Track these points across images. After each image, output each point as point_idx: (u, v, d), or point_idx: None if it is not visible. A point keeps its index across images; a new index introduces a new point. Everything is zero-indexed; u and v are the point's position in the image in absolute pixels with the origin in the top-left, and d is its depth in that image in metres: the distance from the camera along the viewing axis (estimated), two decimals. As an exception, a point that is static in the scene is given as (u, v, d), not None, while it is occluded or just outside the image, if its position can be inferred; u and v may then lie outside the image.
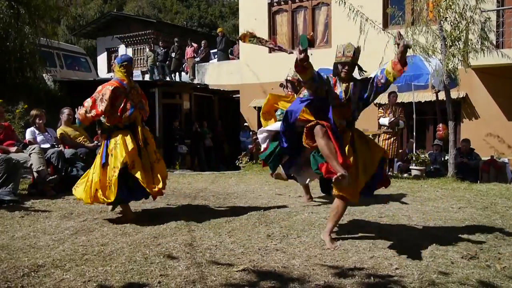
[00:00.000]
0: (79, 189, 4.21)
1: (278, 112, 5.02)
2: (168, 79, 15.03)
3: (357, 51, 3.39)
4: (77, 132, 6.65)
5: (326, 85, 3.42)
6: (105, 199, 4.01)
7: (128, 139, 4.07)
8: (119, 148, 4.03)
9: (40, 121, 6.22)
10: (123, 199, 4.16)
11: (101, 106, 4.04)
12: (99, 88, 4.14)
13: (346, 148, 3.34)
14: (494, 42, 9.32)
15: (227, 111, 14.45)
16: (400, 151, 9.31)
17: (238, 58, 14.48)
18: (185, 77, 15.71)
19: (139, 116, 4.25)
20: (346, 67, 3.39)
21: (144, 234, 3.67)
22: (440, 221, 4.19)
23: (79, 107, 4.19)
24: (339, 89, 3.44)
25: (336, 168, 3.13)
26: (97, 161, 4.15)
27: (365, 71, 3.56)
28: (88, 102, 4.11)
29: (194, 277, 2.69)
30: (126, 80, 4.19)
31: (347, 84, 3.44)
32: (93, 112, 4.07)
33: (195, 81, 14.85)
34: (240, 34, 4.25)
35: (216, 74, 14.73)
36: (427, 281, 2.67)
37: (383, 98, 10.74)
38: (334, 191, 3.39)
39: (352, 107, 3.45)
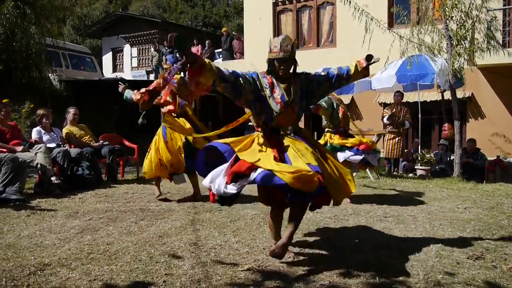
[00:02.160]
0: None
1: None
2: (173, 78, 15.04)
3: (295, 45, 2.96)
4: (82, 131, 6.69)
5: (252, 85, 2.89)
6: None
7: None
8: None
9: (47, 121, 6.25)
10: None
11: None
12: None
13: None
14: (500, 41, 9.28)
15: (231, 111, 14.42)
16: (405, 150, 9.28)
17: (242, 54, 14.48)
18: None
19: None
20: (284, 64, 2.92)
21: (149, 233, 3.69)
22: (445, 221, 4.17)
23: None
24: (278, 91, 2.93)
25: None
26: None
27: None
28: None
29: (199, 276, 2.70)
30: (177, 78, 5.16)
31: (286, 84, 2.95)
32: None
33: (200, 81, 14.85)
34: None
35: (221, 73, 14.74)
36: (432, 281, 2.66)
37: (388, 98, 10.71)
38: None
39: (296, 109, 2.99)
